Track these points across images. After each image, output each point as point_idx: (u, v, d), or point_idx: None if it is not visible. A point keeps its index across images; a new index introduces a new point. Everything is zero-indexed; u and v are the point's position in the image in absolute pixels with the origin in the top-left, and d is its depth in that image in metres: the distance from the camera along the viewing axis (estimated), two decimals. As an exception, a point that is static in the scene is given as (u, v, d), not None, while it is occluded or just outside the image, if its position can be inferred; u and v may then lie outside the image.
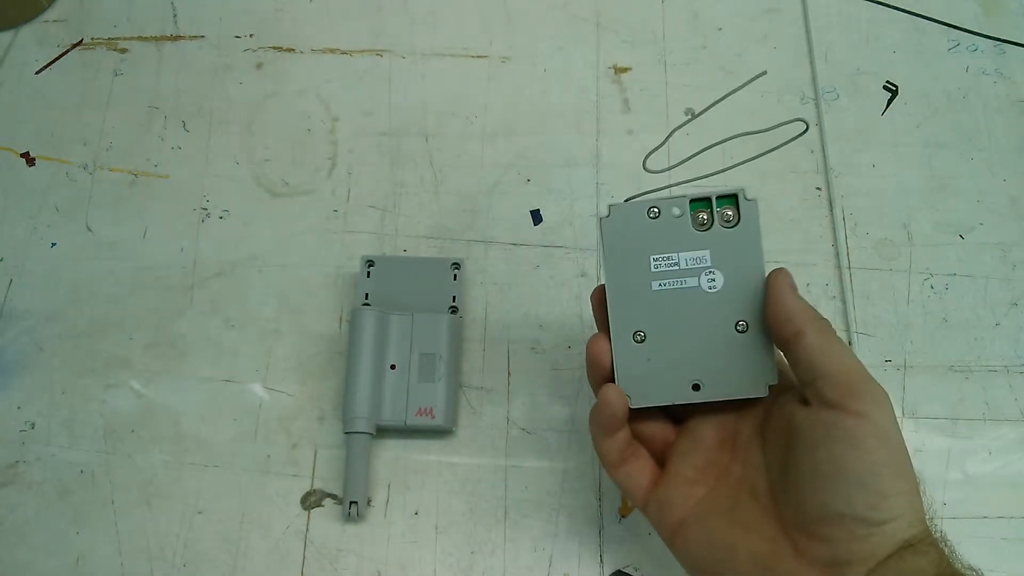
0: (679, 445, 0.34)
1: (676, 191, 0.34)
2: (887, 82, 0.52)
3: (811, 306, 0.31)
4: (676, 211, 0.33)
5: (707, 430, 0.34)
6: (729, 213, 0.33)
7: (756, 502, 0.31)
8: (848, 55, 0.52)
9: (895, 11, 0.54)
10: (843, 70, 0.52)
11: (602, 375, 0.34)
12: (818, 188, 0.49)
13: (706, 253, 0.33)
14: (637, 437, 0.35)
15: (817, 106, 0.51)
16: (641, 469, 0.34)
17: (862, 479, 0.28)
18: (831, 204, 0.48)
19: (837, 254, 0.47)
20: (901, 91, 0.51)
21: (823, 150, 0.50)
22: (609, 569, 0.41)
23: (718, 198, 0.33)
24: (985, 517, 0.42)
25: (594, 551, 0.41)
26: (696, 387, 0.33)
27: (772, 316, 0.31)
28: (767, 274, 0.32)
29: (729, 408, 0.34)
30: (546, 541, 0.41)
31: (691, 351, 0.33)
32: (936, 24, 0.53)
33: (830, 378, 0.29)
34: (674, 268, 0.33)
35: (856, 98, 0.51)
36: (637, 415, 0.34)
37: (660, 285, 0.33)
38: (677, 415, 0.36)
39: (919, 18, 0.54)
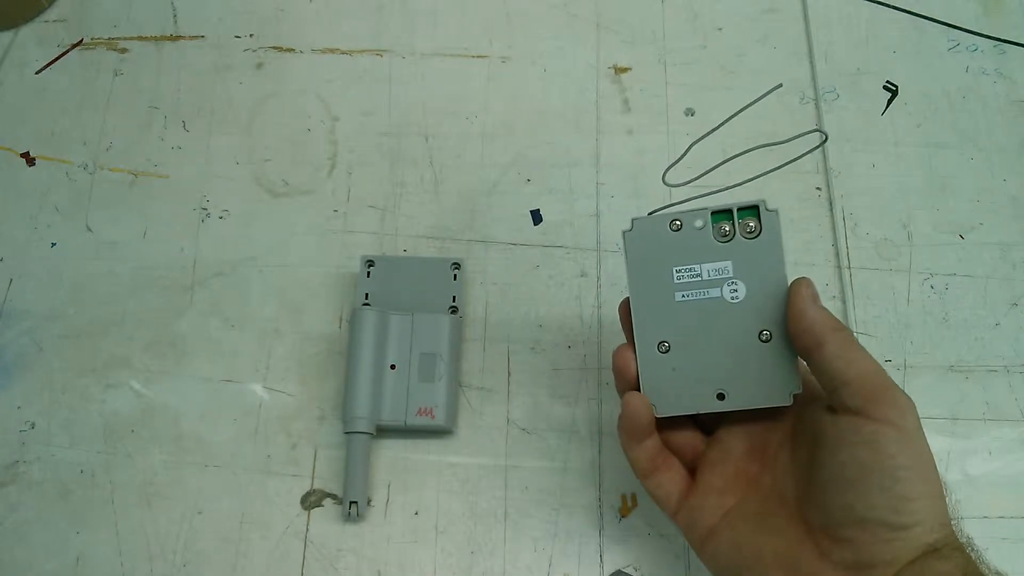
0: (709, 455, 0.35)
1: (691, 204, 0.34)
2: (887, 82, 0.52)
3: (832, 315, 0.31)
4: (698, 223, 0.34)
5: (737, 440, 0.34)
6: (751, 224, 0.33)
7: (784, 508, 0.31)
8: (848, 55, 0.52)
9: (895, 11, 0.54)
10: (843, 70, 0.52)
11: (628, 384, 0.34)
12: (818, 188, 0.49)
13: (728, 264, 0.33)
14: (668, 447, 0.35)
15: (817, 106, 0.51)
16: (672, 479, 0.34)
17: (884, 484, 0.28)
18: (831, 204, 0.48)
19: (837, 254, 0.47)
20: (901, 91, 0.51)
21: (823, 150, 0.50)
22: (609, 569, 0.41)
23: (739, 210, 0.33)
24: (985, 517, 0.42)
25: (594, 551, 0.41)
26: (721, 396, 0.33)
27: (793, 326, 0.31)
28: (789, 283, 0.32)
29: (758, 418, 0.34)
30: (546, 541, 0.41)
31: (715, 361, 0.33)
32: (936, 24, 0.53)
33: (851, 386, 0.29)
34: (696, 279, 0.33)
35: (856, 98, 0.51)
36: (667, 425, 0.35)
37: (683, 296, 0.34)
38: (707, 425, 0.36)
39: (919, 18, 0.54)
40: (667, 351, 0.34)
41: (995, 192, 0.49)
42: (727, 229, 0.33)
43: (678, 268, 0.34)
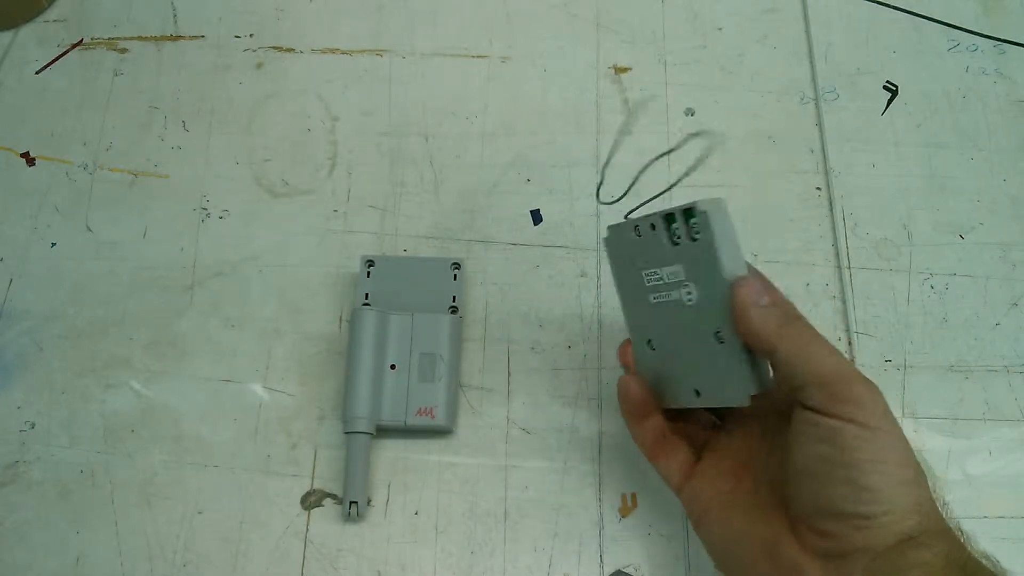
0: (716, 442, 0.36)
1: (652, 206, 0.35)
2: (887, 82, 0.52)
3: (779, 312, 0.30)
4: (653, 228, 0.33)
5: (744, 429, 0.35)
6: (696, 225, 0.32)
7: (774, 497, 0.32)
8: (848, 55, 0.52)
9: (895, 11, 0.54)
10: (843, 70, 0.52)
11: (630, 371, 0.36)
12: (818, 188, 0.49)
13: (680, 268, 0.33)
14: (682, 433, 0.36)
15: (817, 106, 0.51)
16: (678, 462, 0.36)
17: (847, 476, 0.28)
18: (831, 204, 0.48)
19: (837, 254, 0.47)
20: (901, 91, 0.51)
21: (823, 150, 0.50)
22: (609, 569, 0.41)
23: (683, 212, 0.32)
24: (985, 517, 0.42)
25: (594, 551, 0.41)
26: (697, 393, 0.34)
27: (743, 335, 0.31)
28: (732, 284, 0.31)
29: (767, 409, 0.34)
30: (546, 541, 0.41)
31: (687, 359, 0.34)
32: (936, 24, 0.53)
33: (807, 388, 0.29)
34: (660, 282, 0.34)
35: (856, 98, 0.51)
36: (679, 416, 0.36)
37: (654, 298, 0.34)
38: (719, 415, 0.37)
39: (919, 18, 0.54)
40: (654, 349, 0.35)
41: (995, 192, 0.49)
42: (677, 232, 0.32)
43: (646, 272, 0.34)
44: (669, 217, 0.33)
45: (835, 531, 0.29)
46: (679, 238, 0.32)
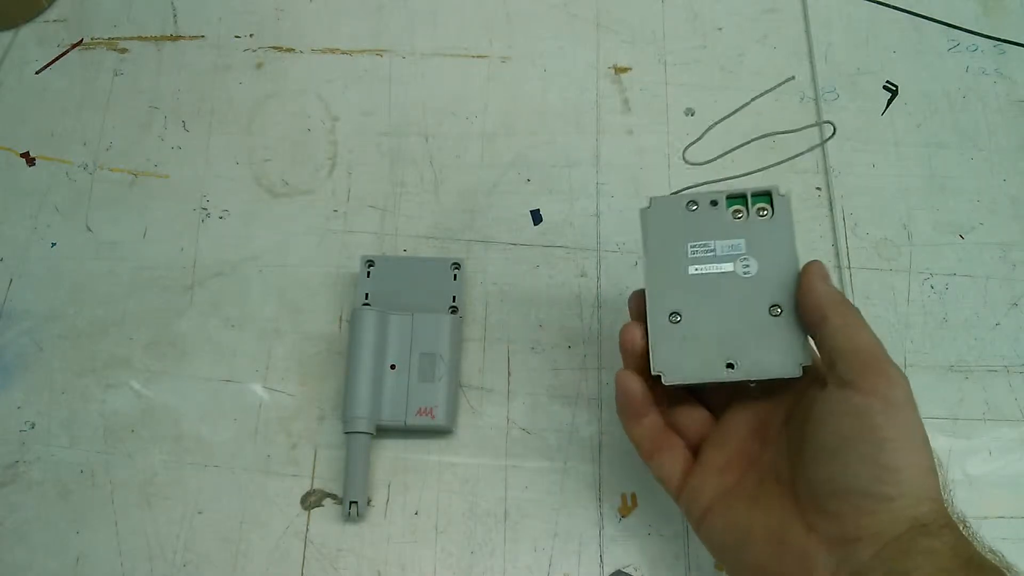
0: (713, 437, 0.35)
1: (703, 189, 0.36)
2: (887, 82, 0.52)
3: (840, 292, 0.32)
4: (714, 204, 0.35)
5: (742, 421, 0.35)
6: (763, 209, 0.35)
7: (779, 486, 0.32)
8: (848, 55, 0.52)
9: (895, 11, 0.54)
10: (843, 70, 0.52)
11: (633, 356, 0.35)
12: (818, 188, 0.49)
13: (741, 241, 0.35)
14: (675, 428, 0.36)
15: (817, 106, 0.51)
16: (674, 459, 0.35)
17: (867, 453, 0.28)
18: (831, 204, 0.48)
19: (837, 254, 0.47)
20: (901, 91, 0.51)
21: (823, 150, 0.50)
22: (609, 569, 0.41)
23: (753, 195, 0.35)
24: (985, 517, 0.41)
25: (594, 551, 0.41)
26: (730, 366, 0.34)
27: (801, 303, 0.33)
28: (801, 264, 0.34)
29: (764, 399, 0.35)
30: (546, 541, 0.41)
31: (726, 331, 0.34)
32: (936, 24, 0.53)
33: (846, 358, 0.30)
34: (710, 254, 0.35)
35: (856, 98, 0.51)
36: (675, 404, 0.36)
37: (696, 270, 0.35)
38: (716, 410, 0.37)
39: (919, 18, 0.54)
40: (678, 322, 0.35)
41: (995, 192, 0.49)
42: (740, 212, 0.35)
43: (693, 244, 0.35)
44: (733, 198, 0.35)
45: (847, 513, 0.28)
46: (741, 216, 0.35)
